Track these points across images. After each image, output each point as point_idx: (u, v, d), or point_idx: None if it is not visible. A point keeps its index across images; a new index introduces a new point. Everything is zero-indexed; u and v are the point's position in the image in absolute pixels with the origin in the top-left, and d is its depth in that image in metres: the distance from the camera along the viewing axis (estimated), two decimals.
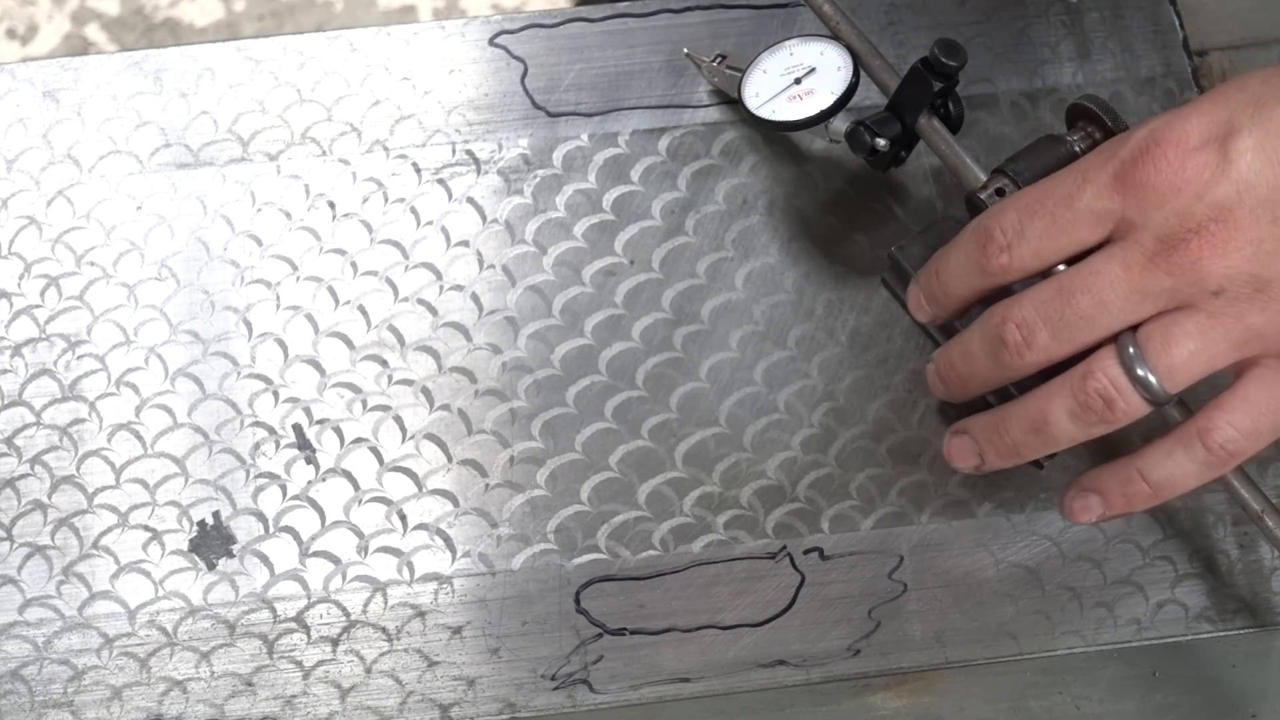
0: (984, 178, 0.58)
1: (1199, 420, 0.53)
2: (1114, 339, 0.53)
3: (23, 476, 0.62)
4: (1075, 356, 0.54)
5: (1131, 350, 0.52)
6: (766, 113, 0.62)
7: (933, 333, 0.61)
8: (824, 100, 0.61)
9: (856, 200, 0.66)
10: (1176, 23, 0.69)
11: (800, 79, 0.62)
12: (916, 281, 0.58)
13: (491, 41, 0.69)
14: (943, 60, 0.58)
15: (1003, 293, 0.55)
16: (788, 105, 0.62)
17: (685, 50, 0.67)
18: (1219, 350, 0.52)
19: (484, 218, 0.66)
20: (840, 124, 0.62)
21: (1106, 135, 0.58)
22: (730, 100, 0.67)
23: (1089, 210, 0.53)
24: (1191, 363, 0.52)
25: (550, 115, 0.67)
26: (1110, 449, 0.59)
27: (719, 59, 0.66)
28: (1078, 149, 0.58)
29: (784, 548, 0.61)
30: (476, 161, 0.67)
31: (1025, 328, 0.53)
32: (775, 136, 0.67)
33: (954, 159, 0.60)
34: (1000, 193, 0.57)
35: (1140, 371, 0.52)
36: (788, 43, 0.63)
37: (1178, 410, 0.55)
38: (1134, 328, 0.53)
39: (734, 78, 0.64)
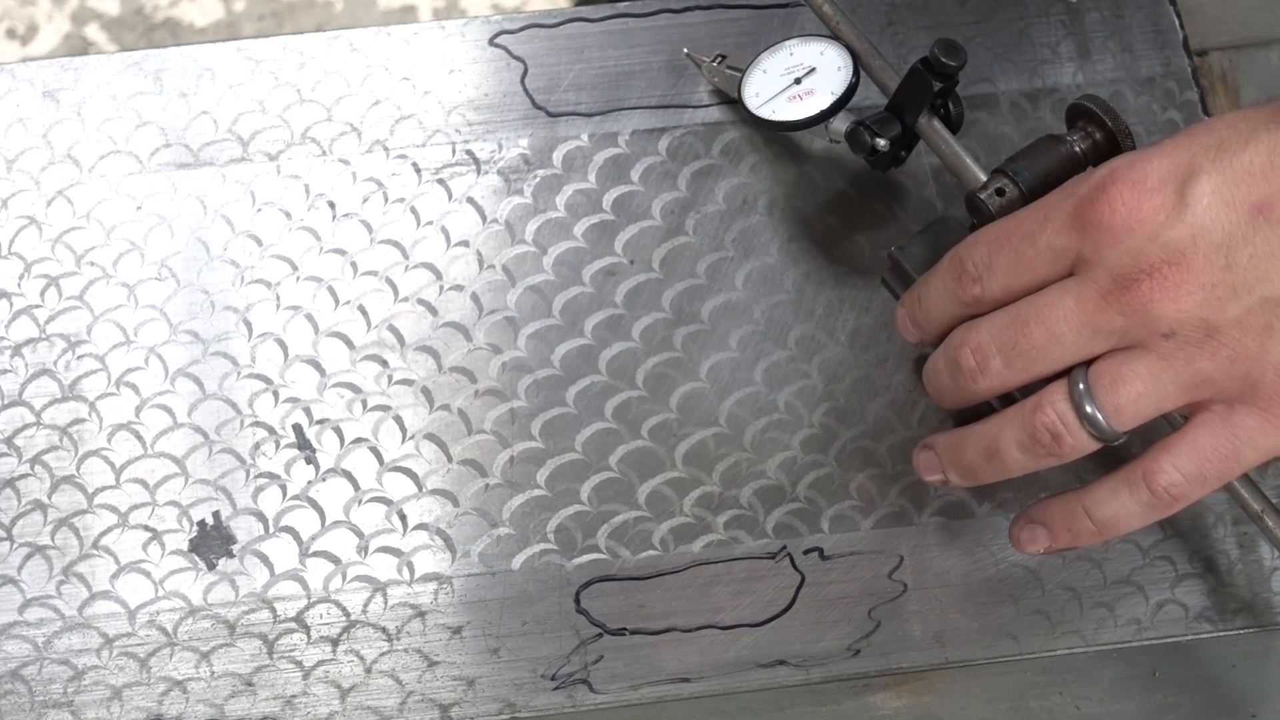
0: (984, 177, 0.58)
1: (1145, 461, 0.53)
2: (1066, 373, 0.53)
3: (23, 476, 0.62)
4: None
5: (1081, 387, 0.52)
6: (766, 113, 0.62)
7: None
8: (824, 100, 0.61)
9: (856, 200, 0.66)
10: (1176, 23, 0.69)
11: (800, 79, 0.62)
12: (902, 304, 0.59)
13: (491, 41, 0.69)
14: (942, 60, 0.58)
15: None
16: (788, 105, 0.62)
17: (685, 50, 0.67)
18: (1168, 392, 0.52)
19: (484, 218, 0.66)
20: (840, 124, 0.61)
21: (1106, 135, 0.58)
22: (730, 100, 0.67)
23: (1049, 247, 0.53)
24: (1139, 403, 0.52)
25: (550, 115, 0.67)
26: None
27: (719, 59, 0.66)
28: (1078, 149, 0.58)
29: (784, 548, 0.61)
30: (476, 161, 0.67)
31: (980, 354, 0.54)
32: (775, 136, 0.67)
33: (954, 159, 0.60)
34: (1000, 192, 0.57)
35: (1088, 409, 0.52)
36: (788, 43, 0.63)
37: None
38: (1087, 363, 0.53)
39: (734, 78, 0.64)
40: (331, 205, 0.66)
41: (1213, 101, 0.68)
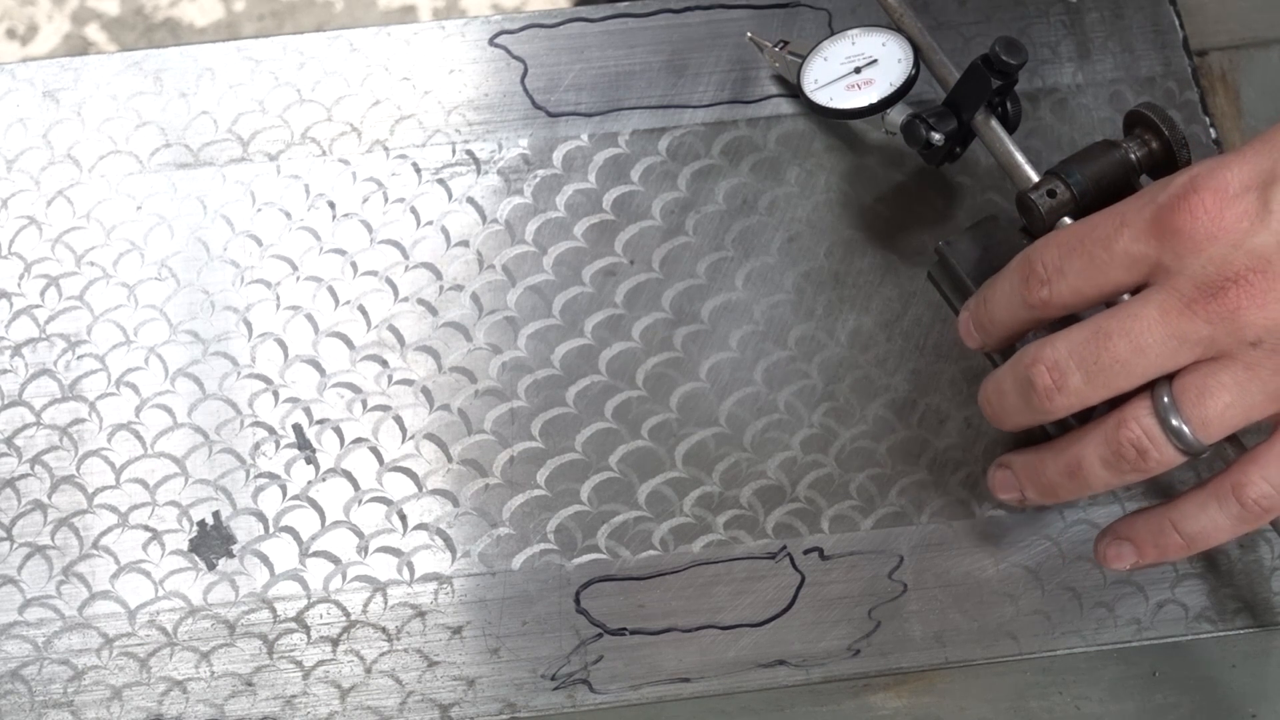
0: (1036, 178, 0.58)
1: (1233, 474, 0.53)
2: (1149, 387, 0.52)
3: (23, 476, 0.62)
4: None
5: (1166, 400, 0.52)
6: (823, 99, 0.62)
7: (993, 358, 0.61)
8: (882, 90, 0.62)
9: (863, 203, 0.66)
10: (1176, 23, 0.69)
11: (860, 68, 0.62)
12: (967, 308, 0.58)
13: (491, 41, 0.69)
14: (1003, 58, 0.58)
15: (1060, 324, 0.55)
16: (846, 94, 0.62)
17: (749, 34, 0.67)
18: (1255, 403, 0.51)
19: (484, 218, 0.66)
20: (897, 116, 0.62)
21: (1163, 144, 0.58)
22: (729, 101, 0.67)
23: (1125, 253, 0.52)
24: (1227, 415, 0.51)
25: (550, 115, 0.67)
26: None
27: (781, 44, 0.66)
28: (1132, 156, 0.58)
29: (784, 548, 0.61)
30: (476, 161, 0.67)
31: (1057, 370, 0.53)
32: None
33: (1007, 157, 0.60)
34: (1051, 194, 0.57)
35: (1175, 422, 0.52)
36: (850, 32, 0.63)
37: (1231, 449, 0.55)
38: (1169, 376, 0.52)
39: (795, 63, 0.64)
40: (331, 205, 0.66)
41: (1213, 101, 0.69)
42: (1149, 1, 0.69)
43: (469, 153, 0.67)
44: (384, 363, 0.64)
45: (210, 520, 0.61)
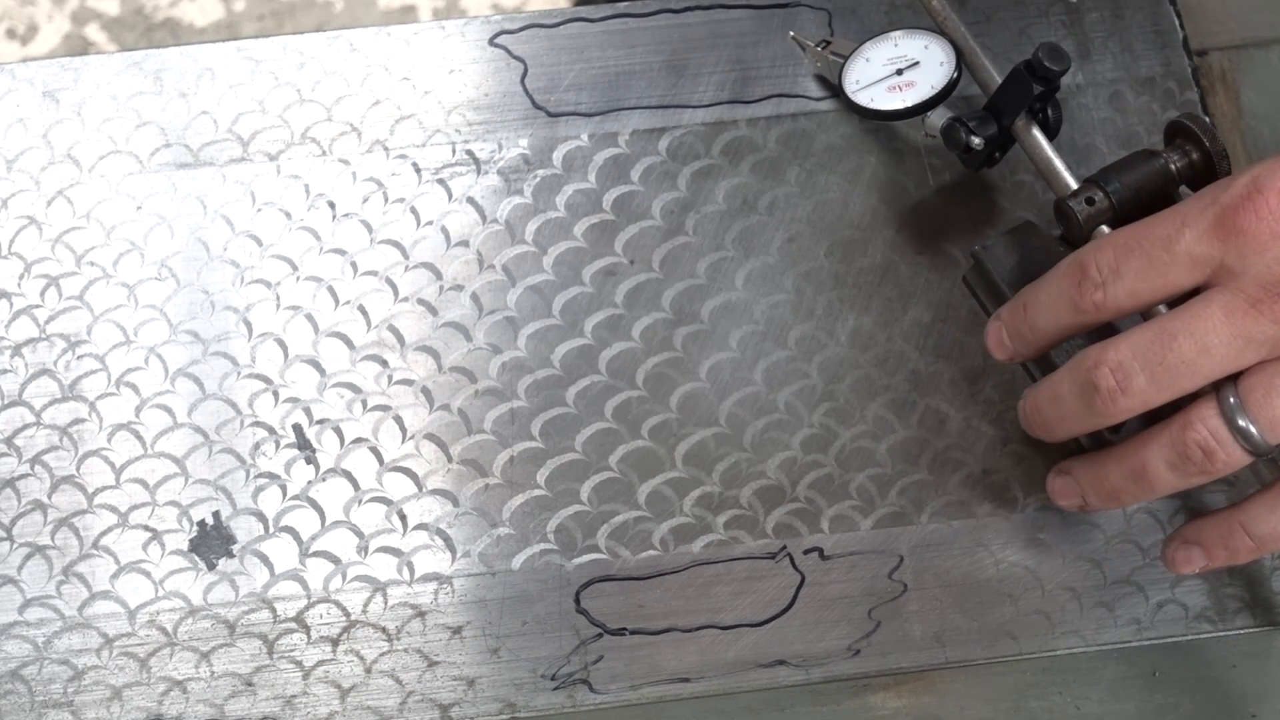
0: (1075, 185, 0.58)
1: None
2: (1213, 388, 0.52)
3: (23, 476, 0.62)
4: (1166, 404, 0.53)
5: (1233, 401, 0.52)
6: (864, 100, 0.62)
7: (1030, 368, 0.61)
8: (923, 93, 0.62)
9: (863, 203, 0.66)
10: (1176, 23, 0.69)
11: (902, 70, 0.62)
12: (999, 317, 0.57)
13: (491, 41, 0.69)
14: (1045, 64, 0.58)
15: (1097, 334, 0.55)
16: (886, 95, 0.62)
17: (791, 34, 0.67)
18: None
19: (484, 218, 0.66)
20: (937, 119, 0.62)
21: (1203, 155, 0.58)
22: (729, 101, 0.67)
23: (1187, 254, 0.52)
24: None
25: (550, 115, 0.67)
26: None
27: (824, 44, 0.66)
28: (1172, 166, 0.58)
29: (784, 548, 0.61)
30: (476, 161, 0.67)
31: (1121, 372, 0.52)
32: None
33: (1046, 164, 0.60)
34: (1090, 201, 0.57)
35: (1241, 423, 0.52)
36: (893, 34, 0.64)
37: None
38: (1233, 377, 0.52)
39: (836, 64, 0.64)
40: (331, 205, 0.66)
41: (1213, 101, 0.68)
42: (1149, 1, 0.69)
43: (469, 153, 0.67)
44: (384, 363, 0.64)
45: (210, 520, 0.61)
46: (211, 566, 0.61)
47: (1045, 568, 0.61)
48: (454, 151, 0.67)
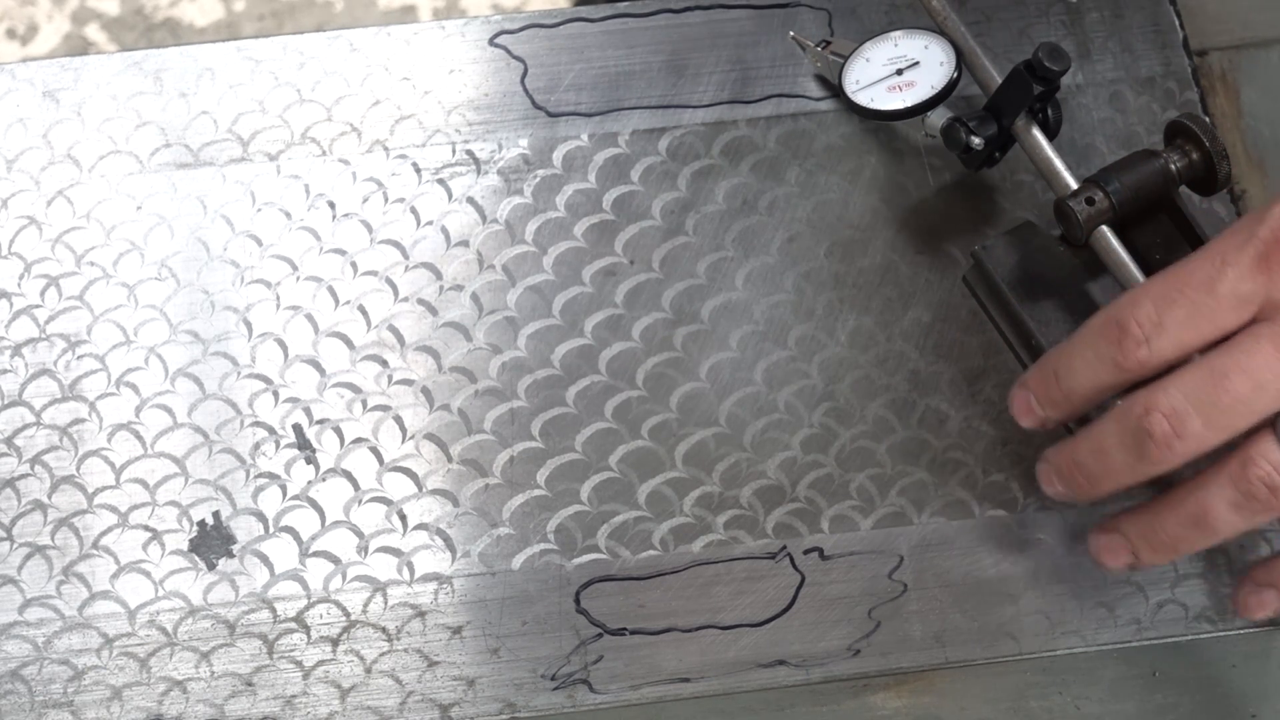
0: (1075, 185, 0.58)
1: None
2: (1268, 423, 0.51)
3: (23, 476, 0.62)
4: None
5: None
6: (864, 100, 0.63)
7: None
8: (923, 93, 0.62)
9: (863, 203, 0.66)
10: (1176, 23, 0.69)
11: (902, 70, 0.63)
12: (1026, 385, 0.56)
13: (491, 41, 0.69)
14: (1045, 64, 0.58)
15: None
16: (887, 95, 0.62)
17: (791, 34, 0.67)
18: None
19: (484, 218, 0.66)
20: (937, 119, 0.62)
21: (1203, 155, 0.57)
22: (729, 101, 0.67)
23: (1232, 294, 0.51)
24: None
25: (550, 115, 0.67)
26: None
27: (824, 44, 0.66)
28: (1172, 166, 0.58)
29: (784, 548, 0.61)
30: (476, 161, 0.67)
31: (1175, 417, 0.51)
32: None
33: (1047, 164, 0.60)
34: (1090, 201, 0.57)
35: None
36: (893, 34, 0.64)
37: None
38: None
39: (836, 63, 0.64)
40: (331, 205, 0.66)
41: (1213, 101, 0.68)
42: (1149, 1, 0.69)
43: (469, 153, 0.67)
44: (384, 363, 0.64)
45: (210, 520, 0.61)
46: (211, 566, 0.61)
47: (1045, 568, 0.61)
48: (454, 151, 0.67)
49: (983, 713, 0.60)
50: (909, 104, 0.62)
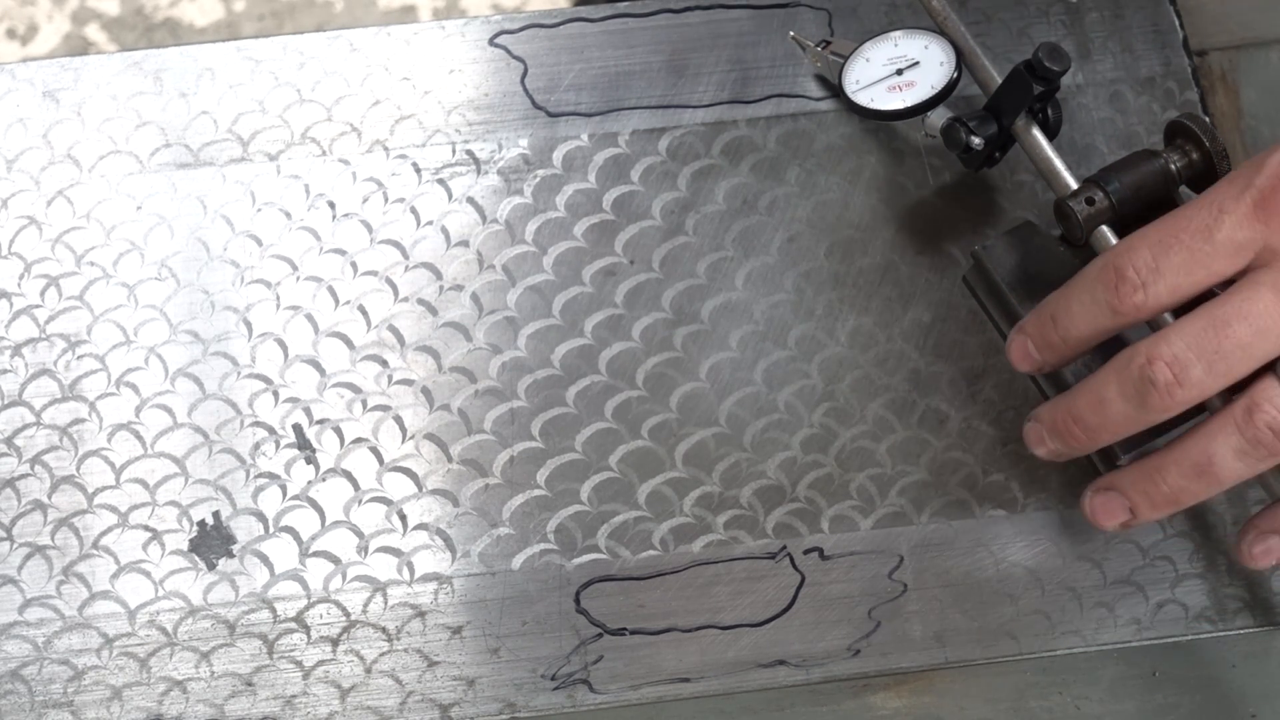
0: (1075, 185, 0.58)
1: None
2: (1269, 368, 0.52)
3: (23, 476, 0.62)
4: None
5: None
6: (864, 100, 0.63)
7: (1041, 384, 0.60)
8: (923, 93, 0.62)
9: (863, 203, 0.66)
10: (1176, 23, 0.69)
11: (902, 70, 0.63)
12: (1023, 330, 0.57)
13: (491, 41, 0.69)
14: (1045, 64, 0.58)
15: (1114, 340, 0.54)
16: (887, 95, 0.62)
17: (791, 34, 0.67)
18: None
19: (484, 218, 0.66)
20: (937, 119, 0.62)
21: (1203, 154, 0.57)
22: (729, 101, 0.67)
23: (1229, 241, 0.51)
24: None
25: (550, 115, 0.67)
26: None
27: (824, 44, 0.66)
28: (1172, 166, 0.58)
29: (784, 548, 0.61)
30: (476, 161, 0.67)
31: (1177, 364, 0.51)
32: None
33: (1047, 164, 0.60)
34: (1090, 201, 0.57)
35: None
36: (893, 34, 0.64)
37: None
38: None
39: (836, 63, 0.64)
40: (331, 205, 0.66)
41: (1213, 101, 0.69)
42: (1149, 1, 0.69)
43: (469, 153, 0.67)
44: (384, 363, 0.64)
45: (210, 520, 0.61)
46: (211, 566, 0.61)
47: (1045, 568, 0.61)
48: (454, 151, 0.67)
49: (983, 713, 0.60)
50: (909, 104, 0.62)
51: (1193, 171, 0.58)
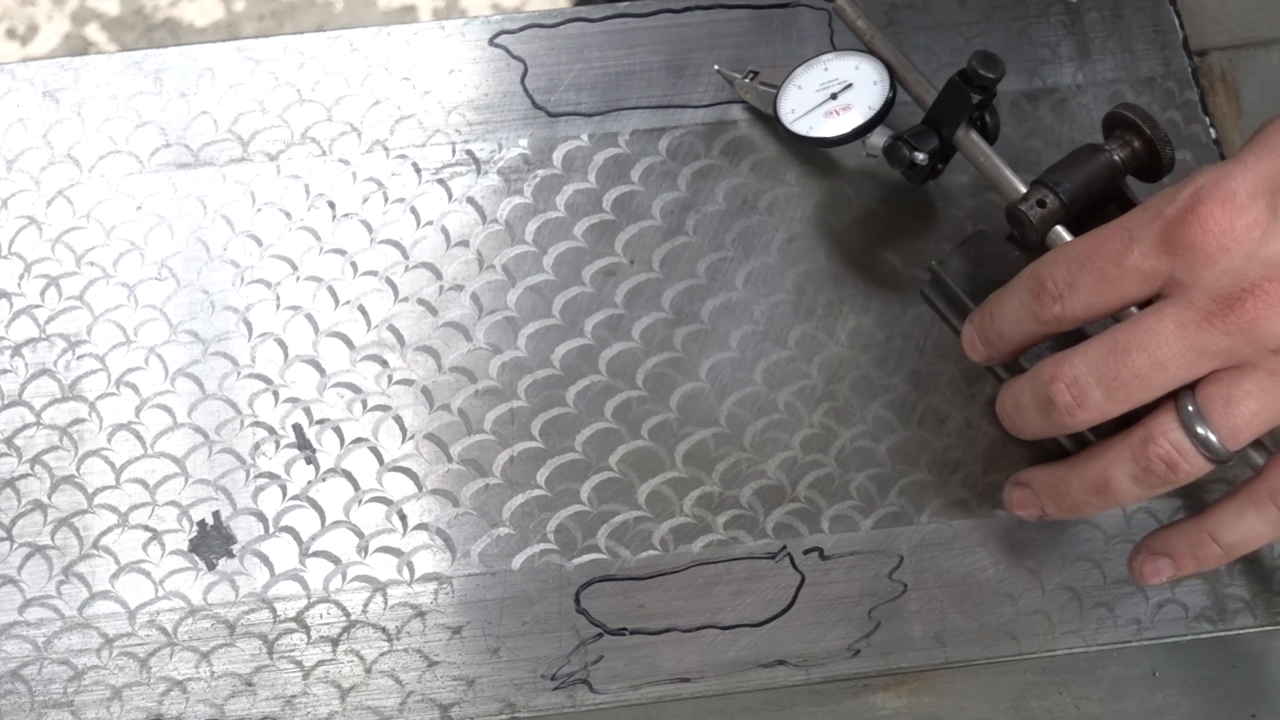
0: (1023, 189, 0.58)
1: (1269, 479, 0.53)
2: (1171, 398, 0.52)
3: (23, 476, 0.62)
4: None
5: (1191, 409, 0.52)
6: (803, 129, 0.62)
7: (996, 371, 0.61)
8: (862, 115, 0.61)
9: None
10: (1176, 23, 0.69)
11: (836, 94, 0.62)
12: (971, 322, 0.58)
13: (491, 41, 0.69)
14: (981, 73, 0.58)
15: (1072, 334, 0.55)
16: (824, 121, 0.62)
17: (716, 67, 0.67)
18: None
19: (484, 218, 0.66)
20: (878, 139, 0.61)
21: (1145, 143, 0.58)
22: (729, 101, 0.67)
23: (1137, 268, 0.52)
24: (1254, 421, 0.51)
25: (550, 115, 0.67)
26: None
27: (751, 75, 0.66)
28: (1116, 157, 0.58)
29: (784, 548, 0.61)
30: (476, 161, 0.67)
31: (1077, 387, 0.53)
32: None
33: (993, 171, 0.60)
34: (1041, 204, 0.57)
35: (1202, 432, 0.52)
36: (823, 58, 0.63)
37: (1257, 454, 0.55)
38: (1190, 386, 0.52)
39: (768, 94, 0.64)
40: (331, 205, 0.66)
41: (1213, 101, 0.69)
42: (1149, 1, 0.69)
43: (469, 153, 0.67)
44: (384, 363, 0.64)
45: (210, 520, 0.61)
46: (211, 566, 0.61)
47: (1045, 568, 0.61)
48: (454, 151, 0.67)
49: (983, 713, 0.60)
50: (849, 129, 0.61)
51: (1137, 161, 0.58)
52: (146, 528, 0.61)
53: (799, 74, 0.63)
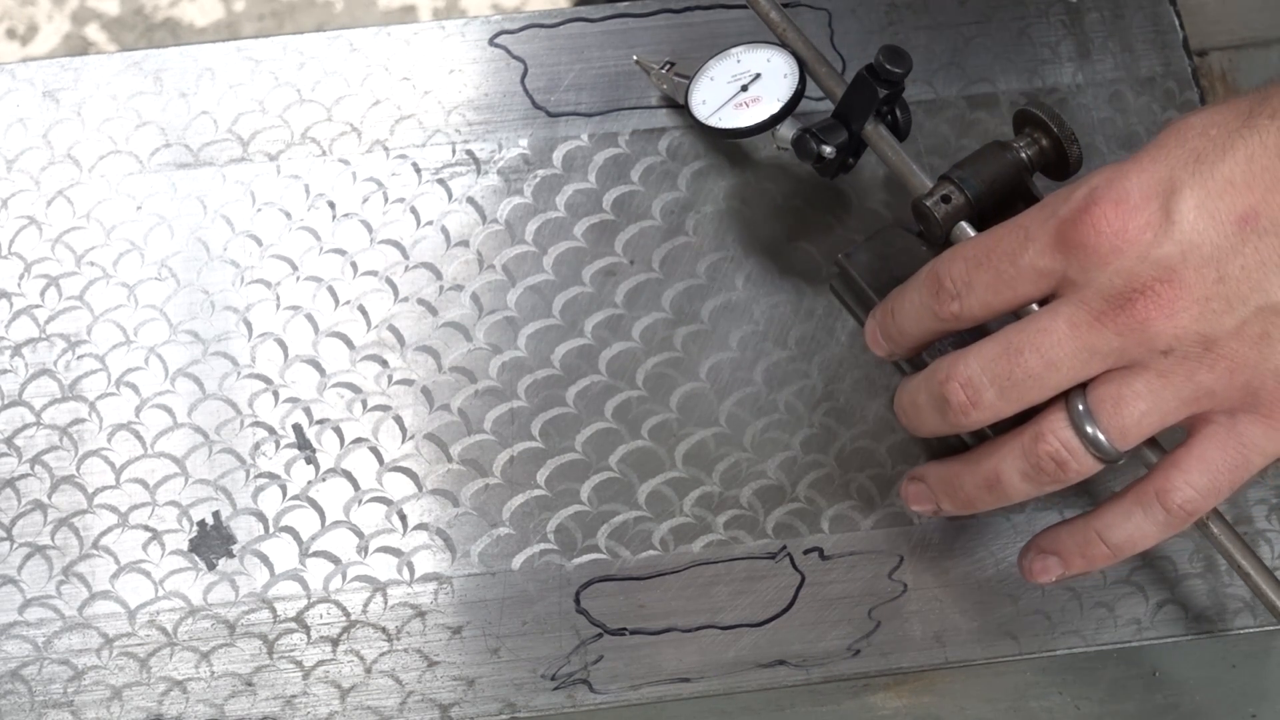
0: (930, 184, 0.58)
1: (1156, 480, 0.53)
2: (1063, 397, 0.53)
3: (23, 476, 0.62)
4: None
5: (1081, 408, 0.52)
6: (714, 120, 0.63)
7: (901, 364, 0.61)
8: (770, 107, 0.62)
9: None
10: (1176, 23, 0.69)
11: (747, 86, 0.62)
12: (874, 317, 0.58)
13: (491, 41, 0.69)
14: (887, 67, 0.58)
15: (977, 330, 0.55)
16: (734, 112, 0.62)
17: (635, 57, 0.67)
18: (1170, 408, 0.52)
19: (484, 218, 0.66)
20: (787, 131, 0.62)
21: (1052, 141, 0.58)
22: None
23: (1031, 267, 0.52)
24: (1143, 422, 0.52)
25: (550, 115, 0.67)
26: None
27: (667, 65, 0.66)
28: (1024, 155, 0.58)
29: (784, 548, 0.61)
30: (476, 161, 0.67)
31: (970, 387, 0.53)
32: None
33: (900, 166, 0.60)
34: (946, 199, 0.57)
35: (1091, 432, 0.52)
36: (735, 50, 0.63)
37: (1151, 452, 0.55)
38: (1082, 385, 0.52)
39: (682, 85, 0.64)
40: (331, 205, 0.66)
41: (1212, 102, 0.68)
42: (1149, 1, 0.69)
43: (469, 153, 0.67)
44: (384, 363, 0.64)
45: (210, 520, 0.61)
46: (211, 566, 0.61)
47: None
48: (454, 151, 0.67)
49: (983, 713, 0.60)
50: (757, 120, 0.62)
51: (1045, 159, 0.58)
52: (146, 528, 0.61)
53: (711, 65, 0.64)
